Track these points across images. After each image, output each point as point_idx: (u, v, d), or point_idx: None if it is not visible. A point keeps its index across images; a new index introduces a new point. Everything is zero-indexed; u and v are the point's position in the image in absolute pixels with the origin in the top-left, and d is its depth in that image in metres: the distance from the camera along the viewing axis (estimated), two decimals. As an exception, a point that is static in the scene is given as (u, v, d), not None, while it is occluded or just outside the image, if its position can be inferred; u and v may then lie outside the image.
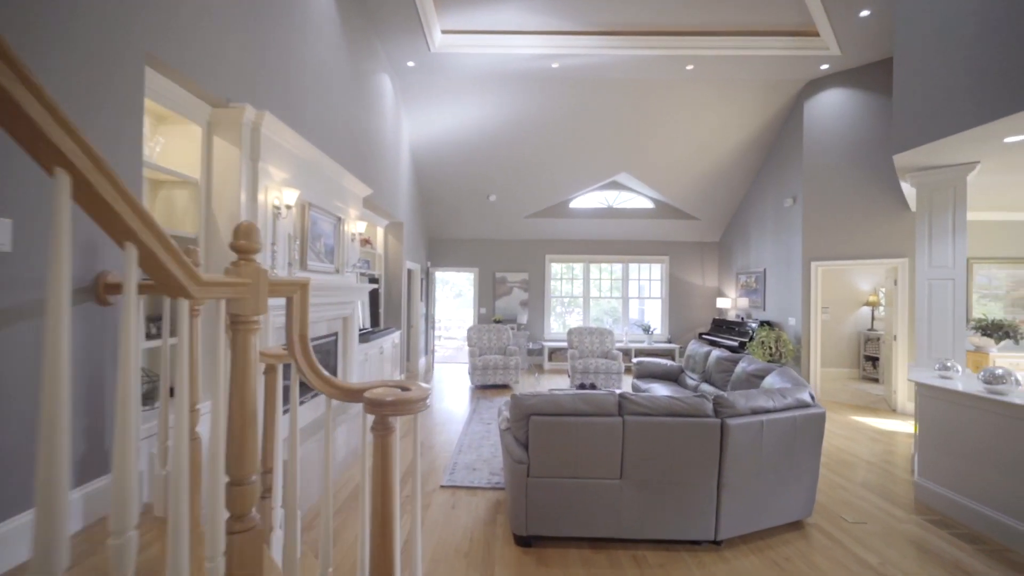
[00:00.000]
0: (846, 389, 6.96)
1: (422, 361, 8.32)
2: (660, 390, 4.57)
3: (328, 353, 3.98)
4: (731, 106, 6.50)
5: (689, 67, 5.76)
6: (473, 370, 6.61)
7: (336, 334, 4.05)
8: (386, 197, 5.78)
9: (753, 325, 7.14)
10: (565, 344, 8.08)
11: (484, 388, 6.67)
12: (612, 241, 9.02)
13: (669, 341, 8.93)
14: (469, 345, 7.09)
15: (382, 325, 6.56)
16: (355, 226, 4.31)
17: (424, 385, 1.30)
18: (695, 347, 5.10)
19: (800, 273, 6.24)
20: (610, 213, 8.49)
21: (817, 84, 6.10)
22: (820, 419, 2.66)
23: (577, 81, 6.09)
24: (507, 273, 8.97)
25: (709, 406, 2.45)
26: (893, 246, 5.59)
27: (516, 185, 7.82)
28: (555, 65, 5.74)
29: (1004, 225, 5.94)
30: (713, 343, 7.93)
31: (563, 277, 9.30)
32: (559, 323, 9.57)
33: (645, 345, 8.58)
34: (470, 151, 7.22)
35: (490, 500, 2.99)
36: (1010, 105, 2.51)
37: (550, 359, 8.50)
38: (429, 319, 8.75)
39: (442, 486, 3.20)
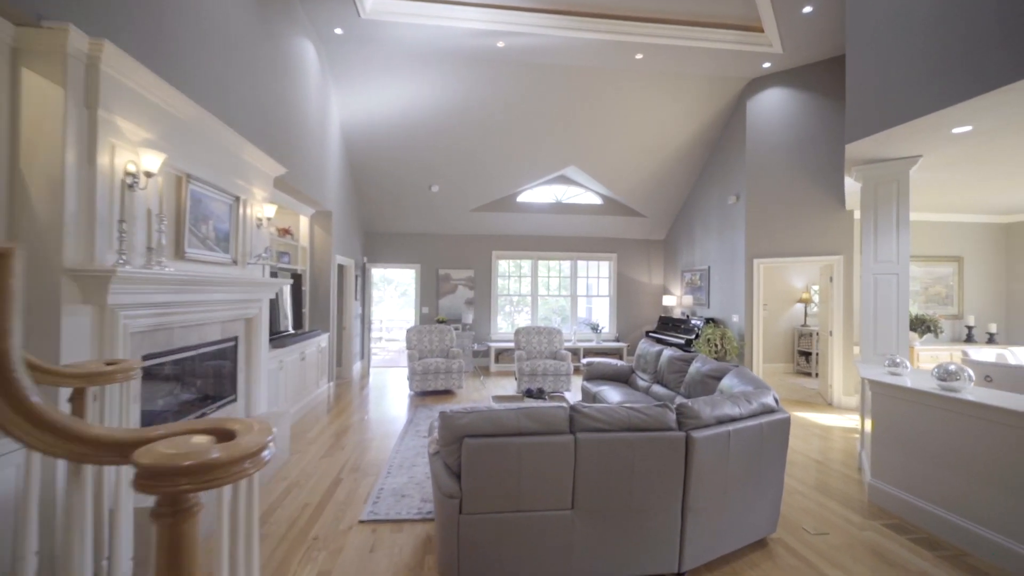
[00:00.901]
0: (783, 384, 7.14)
1: (356, 366, 7.58)
2: (611, 393, 4.28)
3: (225, 360, 3.28)
4: (678, 102, 6.42)
5: (638, 56, 5.56)
6: (412, 375, 6.03)
7: (235, 339, 3.36)
8: (309, 181, 5.07)
9: (697, 322, 7.14)
10: (512, 345, 7.70)
11: (424, 395, 6.11)
12: (561, 237, 8.77)
13: (617, 339, 8.82)
14: (408, 348, 6.49)
15: (307, 327, 5.81)
16: (263, 210, 3.62)
17: (268, 426, 0.81)
18: (645, 346, 4.89)
19: (743, 270, 6.27)
20: (559, 208, 8.21)
21: (760, 83, 6.15)
22: (785, 425, 2.43)
23: (525, 65, 5.71)
24: (451, 270, 8.44)
25: (672, 417, 2.12)
26: (830, 244, 5.72)
27: (460, 176, 7.32)
28: (500, 44, 5.31)
29: (921, 225, 6.30)
30: (660, 341, 7.89)
31: (511, 275, 8.92)
32: (507, 322, 9.17)
33: (593, 344, 8.40)
34: (410, 136, 6.62)
35: (419, 537, 2.49)
36: (968, 90, 2.40)
37: (497, 360, 8.08)
38: (365, 319, 8.02)
39: (361, 521, 2.65)
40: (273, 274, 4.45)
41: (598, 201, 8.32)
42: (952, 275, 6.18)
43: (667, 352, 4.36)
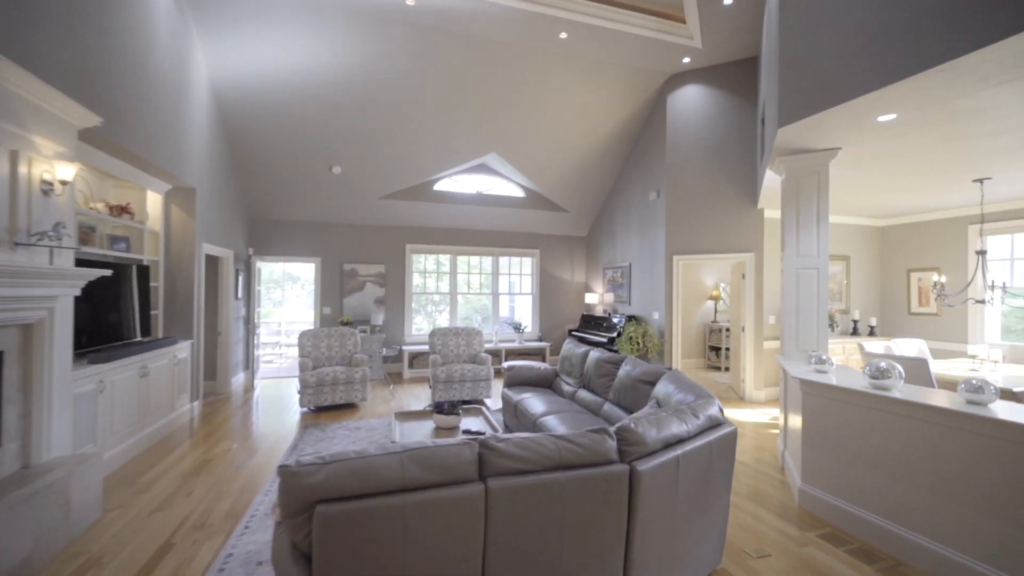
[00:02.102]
0: (697, 378, 7.28)
1: (238, 378, 6.36)
2: (534, 401, 3.80)
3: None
4: (601, 92, 6.18)
5: (563, 35, 5.17)
6: (304, 388, 5.07)
7: (-2, 355, 2.29)
8: (155, 145, 3.93)
9: (618, 320, 7.02)
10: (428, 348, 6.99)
11: (320, 411, 5.18)
12: (482, 231, 8.21)
13: (540, 339, 8.49)
14: (301, 355, 5.50)
15: (159, 333, 4.59)
16: (56, 170, 2.56)
17: None
18: (570, 347, 4.50)
19: (664, 267, 6.22)
20: (479, 200, 7.64)
21: (679, 79, 6.12)
22: (732, 440, 2.08)
23: (440, 32, 5.04)
24: (358, 265, 7.47)
25: (612, 446, 1.63)
26: (743, 241, 5.83)
27: (368, 158, 6.42)
28: (410, 1, 4.59)
29: (816, 227, 6.72)
30: (582, 339, 7.69)
31: (429, 271, 8.16)
32: (429, 322, 8.43)
33: (516, 344, 7.97)
34: (306, 107, 5.60)
35: (267, 634, 1.75)
36: (907, 68, 2.25)
37: (411, 366, 7.30)
38: (251, 322, 6.78)
39: (182, 617, 1.84)
40: (92, 263, 3.31)
41: (520, 194, 7.90)
42: (842, 272, 6.69)
43: (594, 354, 3.99)
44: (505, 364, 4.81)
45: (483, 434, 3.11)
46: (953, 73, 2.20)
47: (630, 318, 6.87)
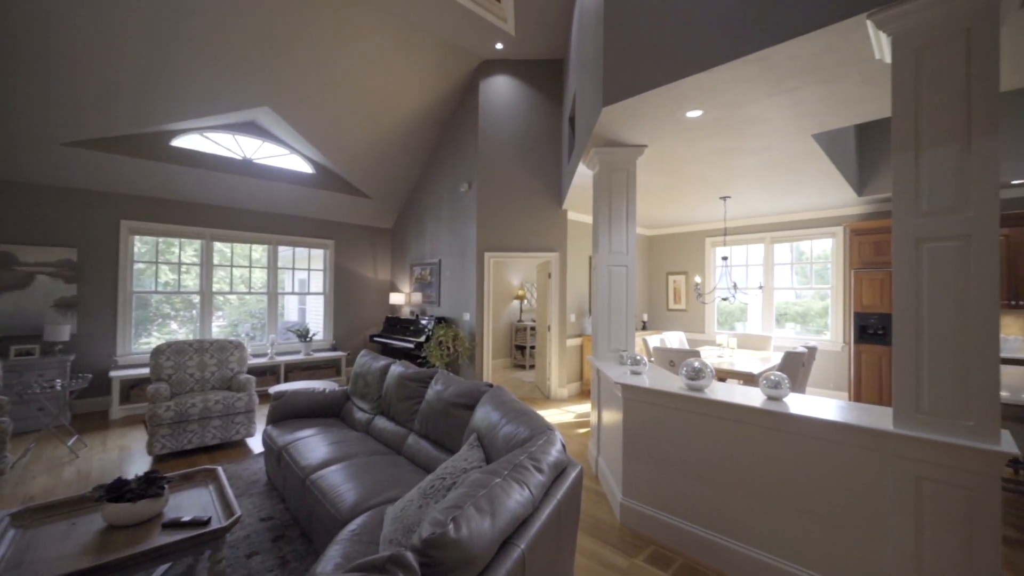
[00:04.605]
0: (505, 379, 7.18)
1: None
2: (313, 442, 2.69)
3: None
4: (410, 62, 5.34)
5: (361, -31, 4.13)
6: None
7: None
8: None
9: (426, 322, 6.32)
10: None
11: None
12: (254, 212, 6.31)
13: (334, 348, 7.06)
14: None
15: None
16: None
17: None
18: (366, 361, 3.50)
19: (475, 264, 5.79)
20: (249, 169, 5.78)
21: (493, 66, 5.79)
22: (580, 485, 1.54)
23: None
24: (18, 247, 4.69)
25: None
26: (549, 241, 5.85)
27: (38, 72, 3.94)
28: None
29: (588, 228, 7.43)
30: (386, 346, 6.68)
31: (171, 261, 5.77)
32: (191, 331, 5.97)
33: (301, 357, 6.37)
34: None
35: None
36: (725, 54, 2.16)
37: (128, 399, 4.96)
38: None
39: None
40: None
41: (309, 170, 6.36)
42: (623, 275, 7.55)
43: (396, 369, 3.11)
44: (272, 391, 3.47)
45: (206, 523, 1.89)
46: (763, 66, 2.20)
47: (439, 320, 6.23)
